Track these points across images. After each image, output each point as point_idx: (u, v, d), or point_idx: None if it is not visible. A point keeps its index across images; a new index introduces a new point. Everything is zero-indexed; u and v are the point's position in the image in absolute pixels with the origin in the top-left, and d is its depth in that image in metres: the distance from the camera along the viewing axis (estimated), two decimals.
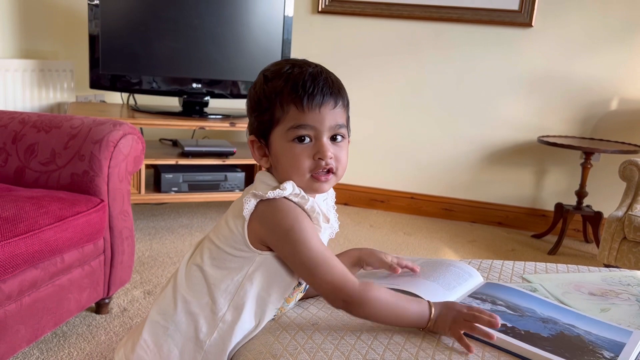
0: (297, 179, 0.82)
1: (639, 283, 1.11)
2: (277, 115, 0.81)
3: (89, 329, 1.61)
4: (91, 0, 2.36)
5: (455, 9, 2.92)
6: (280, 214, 0.79)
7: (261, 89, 0.83)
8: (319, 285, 0.79)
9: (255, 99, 0.84)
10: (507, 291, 0.98)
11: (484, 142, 3.03)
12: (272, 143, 0.83)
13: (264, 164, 0.87)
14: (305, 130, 0.80)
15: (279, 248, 0.80)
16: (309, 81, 0.80)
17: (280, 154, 0.82)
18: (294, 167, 0.81)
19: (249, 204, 0.80)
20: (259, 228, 0.80)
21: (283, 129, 0.81)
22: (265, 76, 0.84)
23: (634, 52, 2.76)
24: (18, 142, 1.57)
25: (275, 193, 0.78)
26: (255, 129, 0.85)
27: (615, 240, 2.20)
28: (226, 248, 0.83)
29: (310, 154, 0.81)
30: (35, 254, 1.23)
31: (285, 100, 0.80)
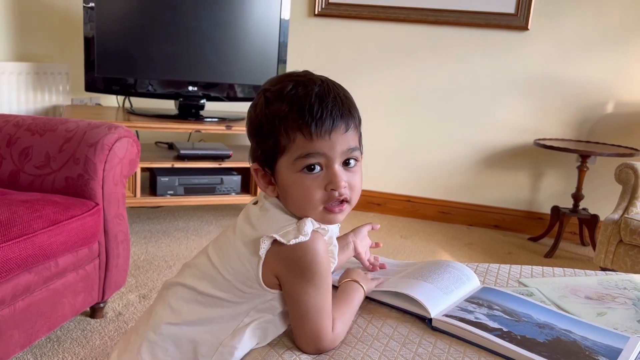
0: (309, 213, 0.76)
1: (636, 287, 1.11)
2: (283, 143, 0.74)
3: (83, 333, 1.60)
4: (86, 3, 2.36)
5: (451, 12, 2.92)
6: (299, 251, 0.73)
7: (263, 113, 0.76)
8: (304, 332, 0.77)
9: (256, 124, 0.77)
10: (504, 296, 0.97)
11: (480, 145, 3.04)
12: (279, 173, 0.76)
13: (271, 193, 0.80)
14: (314, 159, 0.74)
15: (288, 282, 0.76)
16: (316, 104, 0.73)
17: (289, 185, 0.76)
18: (304, 200, 0.75)
19: (266, 244, 0.74)
20: (274, 261, 0.75)
21: (290, 159, 0.74)
22: (266, 98, 0.76)
23: (629, 56, 2.76)
24: (12, 145, 1.57)
25: (297, 240, 0.72)
26: (259, 156, 0.78)
27: (611, 243, 2.20)
28: (237, 283, 0.77)
29: (321, 185, 0.75)
30: (29, 258, 1.22)
31: (290, 126, 0.73)
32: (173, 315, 0.80)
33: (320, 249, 0.75)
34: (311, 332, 0.76)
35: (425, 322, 0.88)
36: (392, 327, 0.86)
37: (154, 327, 0.81)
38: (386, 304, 0.94)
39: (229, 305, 0.79)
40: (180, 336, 0.79)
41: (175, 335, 0.79)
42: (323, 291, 0.76)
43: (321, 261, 0.75)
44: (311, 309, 0.75)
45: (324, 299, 0.76)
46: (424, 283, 0.95)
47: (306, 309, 0.75)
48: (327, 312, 0.77)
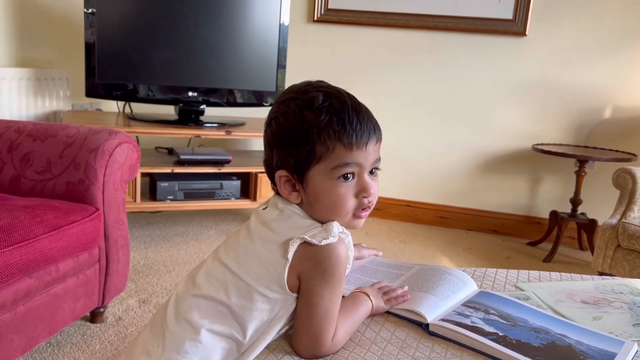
0: (339, 218, 0.80)
1: (632, 291, 1.12)
2: (319, 152, 0.77)
3: (83, 338, 1.61)
4: (87, 9, 2.37)
5: (450, 18, 2.94)
6: (325, 252, 0.76)
7: (297, 121, 0.77)
8: (306, 333, 0.78)
9: (289, 132, 0.78)
10: (500, 300, 0.98)
11: (479, 150, 3.05)
12: (310, 180, 0.79)
13: (294, 200, 0.81)
14: (350, 168, 0.78)
15: (308, 281, 0.77)
16: (354, 116, 0.77)
17: (321, 192, 0.78)
18: (337, 206, 0.79)
19: (295, 246, 0.76)
20: (299, 262, 0.76)
21: (326, 167, 0.77)
22: (298, 106, 0.78)
23: (627, 61, 2.78)
24: (13, 151, 1.58)
25: (328, 241, 0.75)
26: (289, 163, 0.79)
27: (609, 248, 2.21)
28: (259, 288, 0.78)
29: (353, 192, 0.79)
30: (29, 263, 1.23)
31: (330, 136, 0.76)
32: (194, 330, 0.78)
33: (344, 252, 0.78)
34: (313, 335, 0.77)
35: (422, 327, 0.89)
36: (390, 331, 0.87)
37: (173, 346, 0.78)
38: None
39: (249, 313, 0.78)
40: (208, 351, 0.77)
41: (201, 351, 0.77)
42: (336, 295, 0.78)
43: (342, 265, 0.78)
44: (321, 310, 0.77)
45: (335, 303, 0.78)
46: (420, 294, 0.96)
47: (316, 309, 0.77)
48: (333, 317, 0.78)
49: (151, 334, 0.82)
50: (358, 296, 0.89)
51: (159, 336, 0.80)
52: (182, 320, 0.79)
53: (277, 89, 2.73)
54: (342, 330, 0.81)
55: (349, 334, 0.83)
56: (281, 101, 0.81)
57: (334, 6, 3.07)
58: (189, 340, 0.77)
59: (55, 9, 2.72)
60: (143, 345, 0.82)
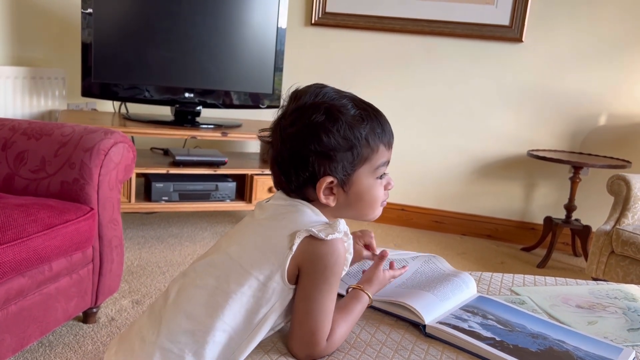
0: (375, 212, 0.87)
1: (626, 296, 1.12)
2: (365, 154, 0.83)
3: (75, 338, 1.60)
4: (84, 9, 2.37)
5: (446, 23, 2.95)
6: (327, 248, 0.78)
7: (344, 128, 0.81)
8: (301, 330, 0.78)
9: (336, 138, 0.81)
10: (498, 306, 0.98)
11: (474, 155, 3.06)
12: (355, 181, 0.84)
13: (331, 203, 0.84)
14: (386, 167, 0.87)
15: (307, 275, 0.79)
16: (386, 122, 0.87)
17: (365, 191, 0.85)
18: (375, 202, 0.86)
19: (300, 238, 0.78)
20: (300, 254, 0.78)
21: (371, 167, 0.84)
22: (340, 112, 0.82)
23: (622, 68, 2.80)
24: (8, 149, 1.57)
25: (334, 236, 0.78)
26: (336, 168, 0.82)
27: (603, 254, 2.22)
28: (259, 276, 0.79)
29: (383, 187, 0.87)
30: (22, 262, 1.22)
31: (374, 139, 0.84)
32: (189, 321, 0.78)
33: (342, 252, 0.80)
34: (309, 332, 0.78)
35: (419, 329, 0.89)
36: (385, 334, 0.87)
37: (168, 335, 0.78)
38: (380, 309, 0.95)
39: (246, 300, 0.78)
40: (199, 344, 0.77)
41: (194, 343, 0.77)
42: (333, 293, 0.79)
43: (340, 264, 0.80)
44: (317, 306, 0.78)
45: (331, 301, 0.79)
46: (421, 292, 0.96)
47: (313, 305, 0.78)
48: (329, 315, 0.79)
49: (148, 320, 0.83)
50: (352, 293, 0.89)
51: (156, 323, 0.80)
52: (180, 311, 0.80)
53: (273, 91, 2.73)
54: (339, 332, 0.81)
55: (345, 335, 0.83)
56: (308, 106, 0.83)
57: (331, 10, 3.08)
58: (183, 331, 0.78)
59: (52, 8, 2.71)
60: (139, 330, 0.83)
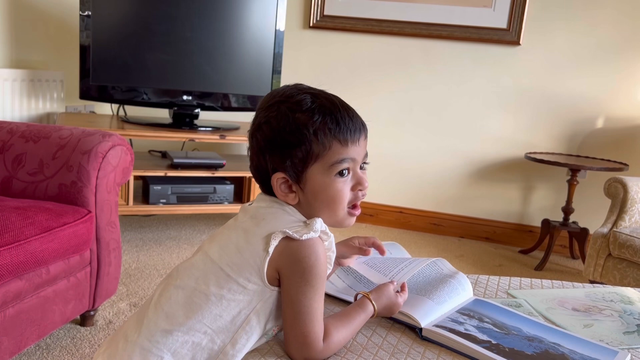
0: (336, 214, 0.83)
1: (622, 299, 1.13)
2: (316, 151, 0.79)
3: (73, 341, 1.59)
4: (83, 11, 2.37)
5: (444, 26, 2.96)
6: (305, 250, 0.77)
7: (291, 124, 0.79)
8: (294, 333, 0.78)
9: (284, 134, 0.80)
10: (495, 309, 0.98)
11: (472, 157, 3.06)
12: (309, 179, 0.81)
13: (291, 201, 0.83)
14: (347, 164, 0.81)
15: (288, 279, 0.78)
16: (346, 114, 0.81)
17: (321, 190, 0.81)
18: (336, 202, 0.82)
19: (276, 240, 0.77)
20: (279, 257, 0.77)
21: (324, 165, 0.80)
22: (290, 109, 0.80)
23: (619, 71, 2.81)
24: (6, 152, 1.57)
25: (309, 235, 0.77)
26: (286, 165, 0.81)
27: (600, 257, 2.22)
28: (238, 278, 0.78)
29: (349, 187, 0.82)
30: (20, 264, 1.22)
31: (326, 134, 0.79)
32: (168, 321, 0.79)
33: (322, 252, 0.79)
34: (301, 335, 0.77)
35: (415, 332, 0.89)
36: (382, 337, 0.87)
37: (147, 335, 0.79)
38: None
39: (226, 303, 0.78)
40: (178, 344, 0.77)
41: (172, 343, 0.77)
42: (318, 294, 0.78)
43: (322, 264, 0.78)
44: (304, 309, 0.77)
45: (317, 302, 0.78)
46: (418, 296, 0.96)
47: (299, 309, 0.77)
48: (318, 317, 0.78)
49: (133, 320, 0.84)
50: (359, 301, 0.88)
51: (139, 324, 0.81)
52: (160, 311, 0.80)
53: None
54: (337, 336, 0.80)
55: (344, 340, 0.82)
56: (268, 106, 0.82)
57: (329, 13, 3.09)
58: (161, 331, 0.78)
59: (50, 10, 2.72)
60: (125, 330, 0.83)
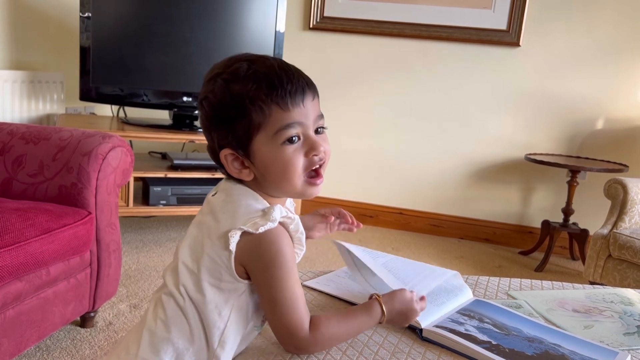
0: (292, 185, 0.77)
1: (622, 300, 1.13)
2: (257, 121, 0.74)
3: (73, 342, 1.59)
4: (83, 13, 2.37)
5: (444, 27, 2.96)
6: (265, 244, 0.74)
7: (227, 96, 0.75)
8: (276, 325, 0.76)
9: (221, 109, 0.76)
10: (495, 309, 0.98)
11: (472, 159, 3.06)
12: (256, 152, 0.76)
13: (246, 177, 0.79)
14: (294, 129, 0.75)
15: (255, 275, 0.76)
16: (284, 76, 0.74)
17: (270, 161, 0.76)
18: (288, 171, 0.76)
19: (235, 237, 0.74)
20: (241, 255, 0.75)
21: (268, 134, 0.74)
22: (225, 80, 0.76)
23: (619, 72, 2.81)
24: (6, 153, 1.57)
25: (266, 227, 0.73)
26: (230, 141, 0.77)
27: (600, 258, 2.22)
28: (210, 279, 0.76)
29: (302, 153, 0.76)
30: (20, 266, 1.22)
31: (264, 102, 0.73)
32: (167, 331, 0.77)
33: (284, 241, 0.75)
34: (283, 326, 0.75)
35: (416, 332, 0.89)
36: (383, 336, 0.87)
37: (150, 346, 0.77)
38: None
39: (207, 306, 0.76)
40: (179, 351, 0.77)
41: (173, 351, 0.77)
42: (290, 285, 0.75)
43: (285, 253, 0.75)
44: (278, 301, 0.74)
45: (290, 291, 0.75)
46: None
47: (273, 301, 0.75)
48: (296, 305, 0.75)
49: (135, 331, 0.82)
50: (367, 303, 0.83)
51: (139, 334, 0.80)
52: (157, 320, 0.79)
53: None
54: (328, 328, 0.77)
55: (338, 335, 0.79)
56: (207, 80, 0.78)
57: (329, 14, 3.09)
58: (162, 340, 0.77)
59: (50, 12, 2.72)
60: (126, 342, 0.82)
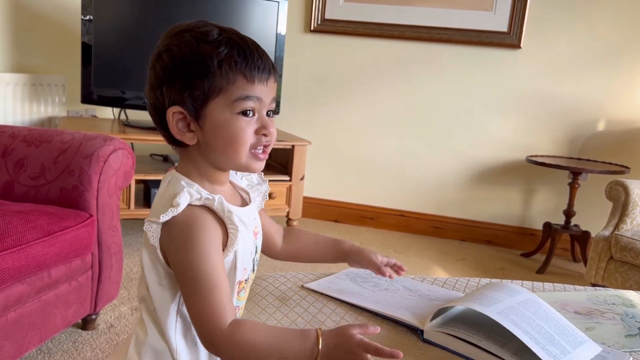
0: (237, 155, 0.75)
1: (624, 302, 1.12)
2: (219, 85, 0.72)
3: (74, 345, 1.59)
4: (84, 15, 2.38)
5: (445, 29, 2.97)
6: (175, 230, 0.71)
7: (194, 52, 0.72)
8: (191, 312, 0.72)
9: (186, 63, 0.72)
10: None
11: (473, 161, 3.06)
12: (208, 116, 0.73)
13: (189, 140, 0.75)
14: (252, 103, 0.74)
15: (171, 262, 0.73)
16: (255, 50, 0.74)
17: (221, 127, 0.73)
18: (236, 142, 0.74)
19: (151, 230, 0.72)
20: (162, 244, 0.73)
21: (227, 100, 0.73)
22: (195, 37, 0.73)
23: (620, 74, 2.81)
24: (7, 156, 1.57)
25: (167, 215, 0.70)
26: (185, 98, 0.73)
27: (602, 260, 2.22)
28: (154, 278, 0.75)
29: (253, 129, 0.75)
30: (21, 268, 1.22)
31: (231, 68, 0.72)
32: (143, 333, 0.78)
33: (197, 225, 0.72)
34: (197, 314, 0.71)
35: (417, 334, 0.89)
36: (383, 337, 0.87)
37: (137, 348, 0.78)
38: (378, 314, 0.95)
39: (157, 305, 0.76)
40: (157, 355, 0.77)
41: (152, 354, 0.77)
42: (204, 270, 0.70)
43: (199, 238, 0.71)
44: (191, 284, 0.71)
45: (207, 279, 0.70)
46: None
47: (188, 285, 0.71)
48: (212, 292, 0.70)
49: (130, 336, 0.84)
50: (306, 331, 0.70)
51: (131, 337, 0.81)
52: (141, 321, 0.80)
53: None
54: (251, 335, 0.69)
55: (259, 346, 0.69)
56: (171, 35, 0.76)
57: (330, 16, 3.09)
58: (143, 344, 0.78)
59: (51, 14, 2.73)
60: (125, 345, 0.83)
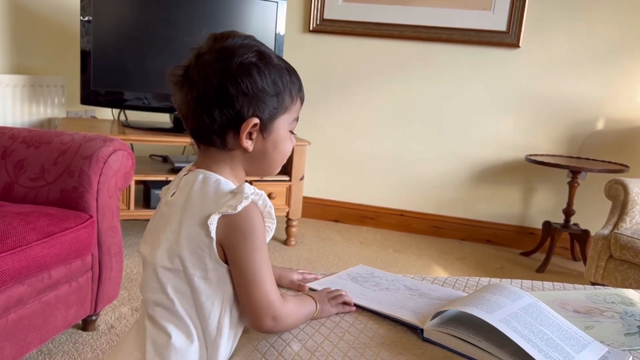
0: (276, 168, 0.88)
1: (623, 301, 1.13)
2: (287, 103, 0.84)
3: (75, 346, 1.60)
4: (83, 17, 2.38)
5: (444, 29, 2.97)
6: (239, 220, 0.77)
7: (274, 73, 0.82)
8: (254, 297, 0.78)
9: (267, 81, 0.81)
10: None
11: (472, 160, 3.06)
12: (275, 129, 0.84)
13: (250, 147, 0.82)
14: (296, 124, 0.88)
15: (228, 252, 0.78)
16: (300, 80, 0.88)
17: (281, 141, 0.85)
18: (286, 155, 0.87)
19: (214, 223, 0.77)
20: (219, 237, 0.78)
21: (289, 119, 0.85)
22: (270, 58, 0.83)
23: (619, 73, 2.81)
24: (7, 157, 1.57)
25: (242, 205, 0.77)
26: (265, 112, 0.81)
27: (601, 259, 2.22)
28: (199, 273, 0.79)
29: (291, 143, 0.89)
30: (22, 270, 1.23)
31: (294, 90, 0.85)
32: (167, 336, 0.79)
33: (257, 217, 0.79)
34: (261, 296, 0.78)
35: (417, 333, 0.89)
36: (383, 337, 0.87)
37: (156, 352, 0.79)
38: (378, 313, 0.95)
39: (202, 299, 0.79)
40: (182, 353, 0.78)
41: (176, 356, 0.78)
42: (262, 255, 0.79)
43: (260, 227, 0.80)
44: (257, 272, 0.78)
45: (263, 262, 0.79)
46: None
47: (253, 273, 0.78)
48: (271, 278, 0.80)
49: (135, 338, 0.83)
50: (304, 297, 0.92)
51: (142, 341, 0.81)
52: (158, 326, 0.80)
53: None
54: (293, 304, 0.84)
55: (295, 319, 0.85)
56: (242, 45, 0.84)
57: (329, 16, 3.10)
58: (165, 345, 0.79)
59: (50, 16, 2.73)
60: (128, 350, 0.83)
